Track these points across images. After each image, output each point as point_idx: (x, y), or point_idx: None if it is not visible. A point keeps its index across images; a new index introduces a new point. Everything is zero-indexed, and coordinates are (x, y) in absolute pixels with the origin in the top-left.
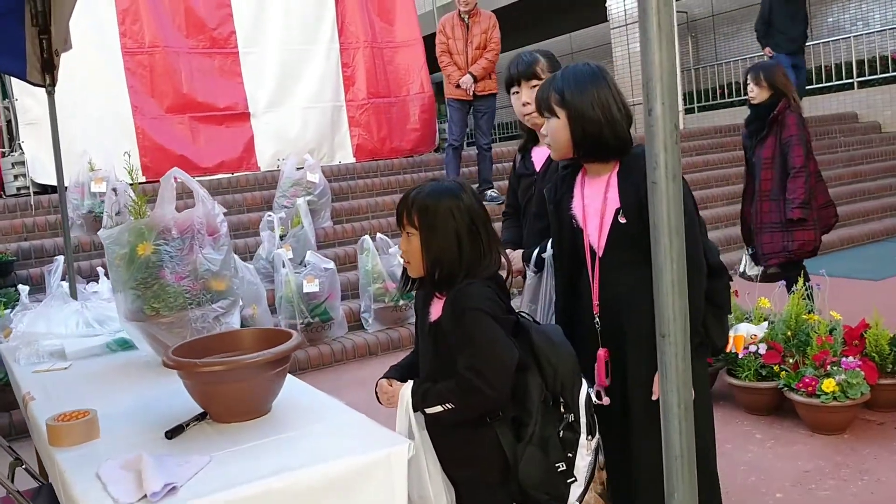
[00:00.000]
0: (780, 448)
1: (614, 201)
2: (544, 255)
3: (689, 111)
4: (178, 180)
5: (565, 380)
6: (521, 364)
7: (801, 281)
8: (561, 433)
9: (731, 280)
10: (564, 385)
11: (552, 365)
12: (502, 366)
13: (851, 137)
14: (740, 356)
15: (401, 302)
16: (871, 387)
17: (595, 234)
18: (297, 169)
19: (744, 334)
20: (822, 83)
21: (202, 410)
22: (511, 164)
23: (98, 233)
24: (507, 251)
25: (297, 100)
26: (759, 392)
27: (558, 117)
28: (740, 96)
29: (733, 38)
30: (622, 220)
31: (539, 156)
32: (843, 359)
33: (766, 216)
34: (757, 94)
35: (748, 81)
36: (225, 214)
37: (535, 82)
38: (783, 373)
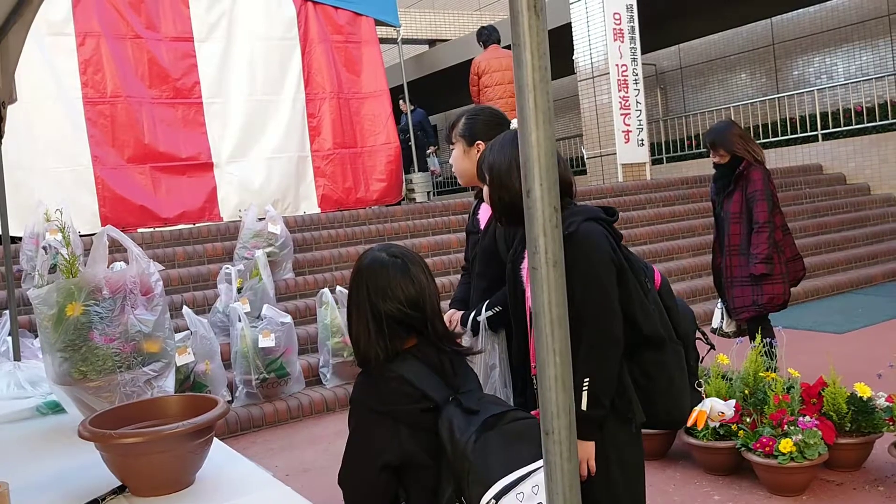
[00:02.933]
0: None
1: None
2: (479, 319)
3: (657, 162)
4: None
5: (468, 486)
6: (416, 463)
7: (758, 337)
8: None
9: (685, 348)
10: (465, 492)
11: (457, 469)
12: (346, 471)
13: (816, 189)
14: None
15: None
16: (830, 446)
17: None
18: (259, 220)
19: (707, 410)
20: (787, 135)
21: (120, 483)
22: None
23: (28, 292)
24: (450, 311)
25: (262, 150)
26: (718, 452)
27: (487, 183)
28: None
29: (701, 90)
30: None
31: (484, 214)
32: (801, 418)
33: (736, 270)
34: (719, 158)
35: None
36: (185, 266)
37: (452, 145)
38: (741, 432)
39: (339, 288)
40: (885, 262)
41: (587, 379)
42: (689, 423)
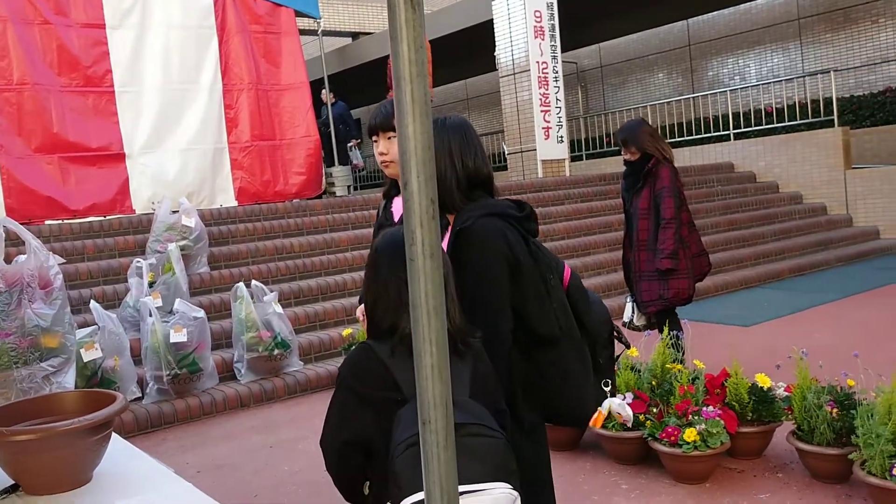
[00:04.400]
0: (643, 499)
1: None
2: None
3: (577, 158)
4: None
5: (388, 489)
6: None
7: (665, 330)
8: None
9: (594, 345)
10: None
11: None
12: (321, 441)
13: (728, 186)
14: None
15: (275, 352)
16: (732, 435)
17: None
18: (173, 212)
19: (604, 411)
20: (701, 134)
21: (13, 482)
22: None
23: None
24: (360, 307)
25: (177, 141)
26: (626, 442)
27: None
28: None
29: (620, 88)
30: None
31: (398, 206)
32: (704, 408)
33: (644, 265)
34: (630, 155)
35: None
36: (95, 259)
37: (391, 134)
38: (648, 422)
39: (254, 282)
40: (791, 257)
41: None
42: (591, 422)
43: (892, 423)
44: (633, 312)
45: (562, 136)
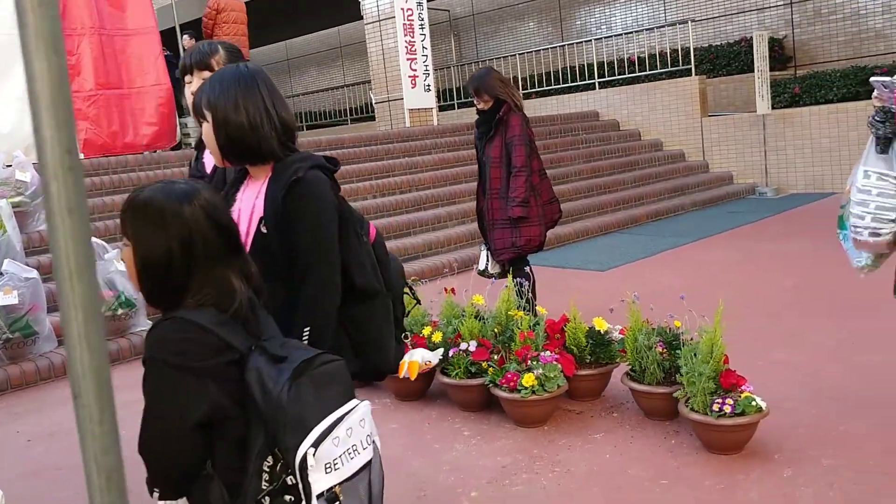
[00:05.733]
0: (484, 444)
1: (260, 209)
2: None
3: (449, 108)
4: None
5: (284, 436)
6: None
7: (510, 277)
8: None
9: (394, 301)
10: (281, 443)
11: (271, 420)
12: (150, 437)
13: (592, 135)
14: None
15: (119, 311)
16: (570, 378)
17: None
18: (6, 167)
19: (419, 360)
20: (568, 83)
21: None
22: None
23: None
24: None
25: (11, 90)
26: (469, 389)
27: (208, 121)
28: None
29: (492, 37)
30: (263, 230)
31: (209, 158)
32: (542, 353)
33: (496, 213)
34: (483, 104)
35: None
36: None
37: (207, 73)
38: (490, 369)
39: (95, 240)
40: (650, 203)
41: (307, 329)
42: (401, 373)
43: (713, 361)
44: (487, 261)
45: (429, 85)
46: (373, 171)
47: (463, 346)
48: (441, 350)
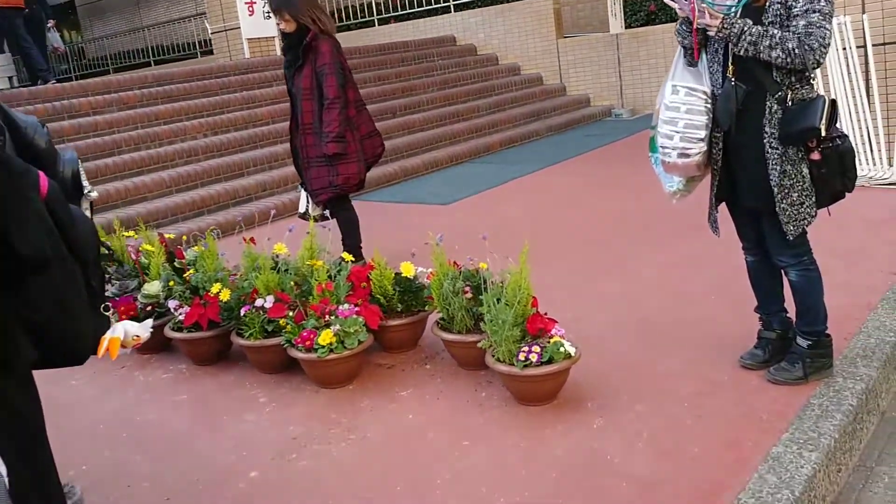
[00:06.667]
0: (279, 412)
1: None
2: None
3: None
4: None
5: None
6: None
7: (311, 222)
8: None
9: (85, 267)
10: None
11: None
12: None
13: (449, 60)
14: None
15: None
16: (378, 330)
17: None
18: None
19: (120, 336)
20: (422, 7)
21: None
22: None
23: None
24: None
25: None
26: (266, 350)
27: None
28: (357, 18)
29: None
30: None
31: None
32: (340, 307)
33: (311, 150)
34: (284, 25)
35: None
36: None
37: None
38: (288, 327)
39: None
40: (504, 129)
41: None
42: (100, 353)
43: (518, 305)
44: (307, 203)
45: (269, 13)
46: (205, 107)
47: (259, 302)
48: (150, 322)
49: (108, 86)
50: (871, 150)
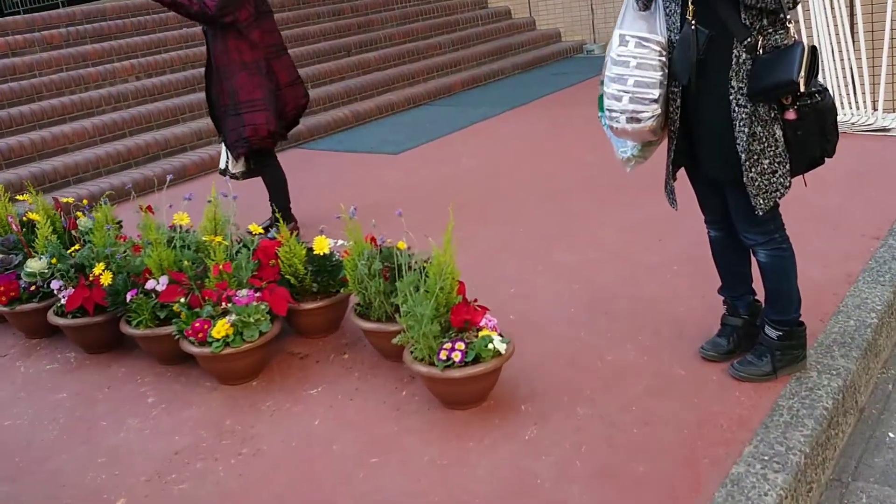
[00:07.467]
0: (166, 416)
1: None
2: None
3: None
4: None
5: None
6: None
7: (213, 190)
8: None
9: None
10: None
11: None
12: None
13: None
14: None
15: None
16: (292, 315)
17: None
18: None
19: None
20: None
21: None
22: None
23: None
24: None
25: None
26: (159, 340)
27: None
28: None
29: None
30: None
31: None
32: (238, 292)
33: (224, 98)
34: None
35: None
36: None
37: None
38: (183, 313)
39: None
40: (466, 69)
41: None
42: None
43: (441, 293)
44: (227, 158)
45: None
46: (139, 46)
47: (150, 284)
48: (46, 258)
49: (32, 24)
50: (855, 94)
